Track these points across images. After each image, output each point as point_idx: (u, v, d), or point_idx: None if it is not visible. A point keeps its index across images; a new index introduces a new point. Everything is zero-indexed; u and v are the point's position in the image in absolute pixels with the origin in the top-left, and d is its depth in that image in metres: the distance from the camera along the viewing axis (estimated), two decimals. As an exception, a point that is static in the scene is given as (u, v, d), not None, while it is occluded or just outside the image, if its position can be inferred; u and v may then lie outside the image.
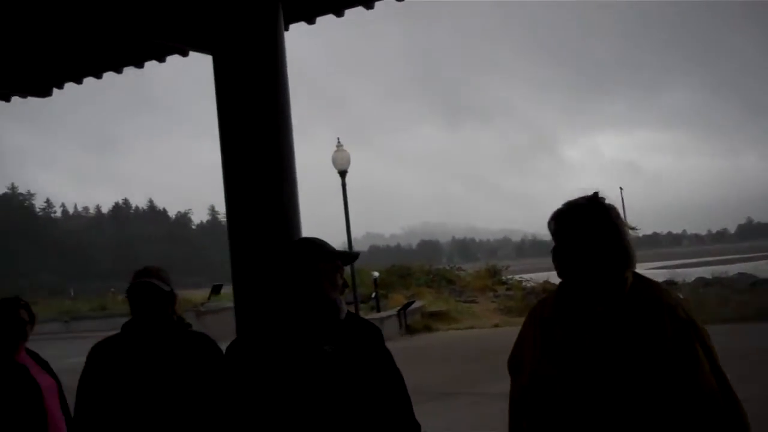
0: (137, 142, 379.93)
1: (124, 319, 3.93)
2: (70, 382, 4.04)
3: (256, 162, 4.63)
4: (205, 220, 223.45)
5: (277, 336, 3.11)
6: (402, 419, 3.28)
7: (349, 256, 3.30)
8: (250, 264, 4.63)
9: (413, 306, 25.96)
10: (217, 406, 3.20)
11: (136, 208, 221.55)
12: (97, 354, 3.79)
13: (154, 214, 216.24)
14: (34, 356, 4.66)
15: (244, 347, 3.18)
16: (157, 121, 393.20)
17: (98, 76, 6.87)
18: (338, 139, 23.69)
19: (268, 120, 4.67)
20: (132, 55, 6.54)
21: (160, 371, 3.63)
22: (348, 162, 23.21)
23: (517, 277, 35.16)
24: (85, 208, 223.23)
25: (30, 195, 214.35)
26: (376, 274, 29.31)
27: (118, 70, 6.77)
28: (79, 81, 6.99)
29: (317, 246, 3.22)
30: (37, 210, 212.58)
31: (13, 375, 4.37)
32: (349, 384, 3.08)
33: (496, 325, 24.39)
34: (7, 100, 7.25)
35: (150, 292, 3.72)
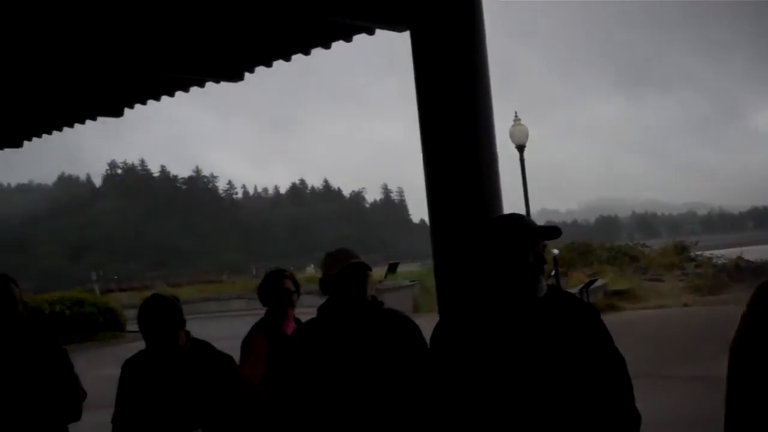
0: (312, 123, 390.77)
1: (305, 297, 3.94)
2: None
3: (456, 139, 4.44)
4: (378, 199, 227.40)
5: (478, 318, 3.01)
6: (619, 407, 3.01)
7: (547, 231, 3.07)
8: (450, 244, 4.46)
9: (595, 284, 25.25)
10: (423, 388, 3.17)
11: (312, 188, 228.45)
12: (301, 336, 3.73)
13: (329, 193, 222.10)
14: None
15: (448, 332, 3.09)
16: (330, 101, 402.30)
17: (287, 58, 6.85)
18: (516, 112, 23.17)
19: (468, 95, 4.47)
20: (320, 37, 6.47)
21: (365, 351, 3.57)
22: (526, 136, 22.70)
23: (706, 253, 33.51)
24: (265, 189, 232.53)
25: (213, 177, 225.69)
26: (556, 251, 28.60)
27: (306, 52, 6.72)
28: (269, 64, 7.00)
29: (513, 222, 3.08)
30: (220, 191, 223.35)
31: (278, 345, 4.44)
32: (555, 367, 2.90)
33: (686, 305, 23.37)
34: (202, 85, 7.37)
35: (365, 273, 3.64)
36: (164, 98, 7.91)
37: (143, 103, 7.84)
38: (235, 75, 7.05)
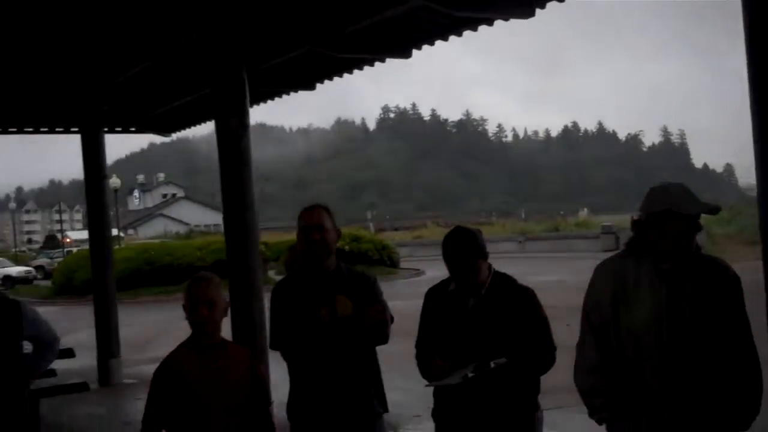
0: (586, 65, 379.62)
1: (577, 242, 3.67)
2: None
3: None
4: (656, 142, 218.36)
5: None
6: None
7: None
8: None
9: None
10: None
11: (585, 130, 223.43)
12: (603, 271, 3.52)
13: (603, 136, 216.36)
14: None
15: None
16: (605, 41, 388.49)
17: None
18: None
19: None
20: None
21: (679, 295, 3.32)
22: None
23: None
24: (535, 132, 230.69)
25: (483, 120, 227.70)
26: None
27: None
28: (561, -1, 6.66)
29: None
30: (490, 134, 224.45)
31: None
32: None
33: None
34: (491, 23, 7.17)
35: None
36: (438, 42, 7.83)
37: (431, 44, 7.80)
38: (526, 10, 6.78)
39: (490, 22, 7.16)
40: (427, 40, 7.74)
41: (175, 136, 14.24)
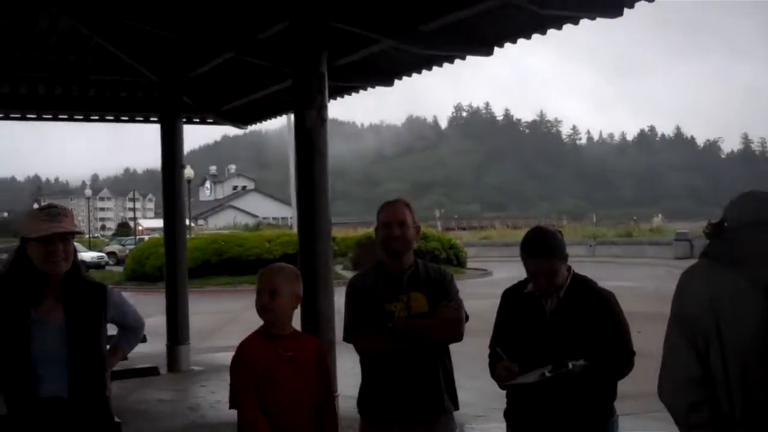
0: (665, 68, 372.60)
1: (648, 248, 3.49)
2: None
3: None
4: (736, 149, 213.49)
5: None
6: None
7: None
8: None
9: None
10: None
11: (662, 135, 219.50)
12: (693, 281, 3.36)
13: (680, 141, 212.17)
14: None
15: None
16: (686, 42, 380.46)
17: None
18: None
19: None
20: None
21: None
22: None
23: None
24: (610, 135, 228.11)
25: (557, 122, 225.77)
26: None
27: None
28: (650, -2, 6.47)
29: None
30: (564, 137, 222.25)
31: None
32: None
33: None
34: (576, 22, 7.01)
35: None
36: (520, 40, 7.67)
37: (514, 42, 7.66)
38: (614, 10, 6.60)
39: (576, 21, 6.99)
40: (510, 38, 7.59)
41: (248, 129, 14.37)
